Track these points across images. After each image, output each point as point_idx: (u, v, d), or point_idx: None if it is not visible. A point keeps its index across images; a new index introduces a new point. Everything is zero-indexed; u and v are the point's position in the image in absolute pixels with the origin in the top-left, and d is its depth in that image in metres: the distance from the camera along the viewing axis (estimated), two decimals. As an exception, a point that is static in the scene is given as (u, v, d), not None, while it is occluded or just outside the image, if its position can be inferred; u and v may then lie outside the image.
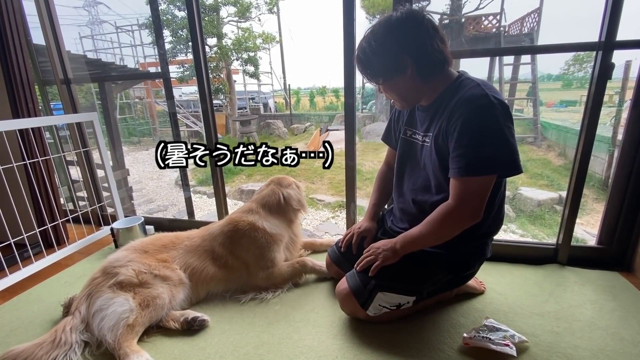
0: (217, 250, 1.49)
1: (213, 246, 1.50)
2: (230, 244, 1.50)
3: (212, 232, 1.54)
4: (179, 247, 1.48)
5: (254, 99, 14.27)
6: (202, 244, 1.51)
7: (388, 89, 1.20)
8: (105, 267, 1.34)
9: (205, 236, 1.54)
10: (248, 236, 1.50)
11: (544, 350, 1.15)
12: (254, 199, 1.65)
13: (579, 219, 3.61)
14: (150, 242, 1.49)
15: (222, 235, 1.52)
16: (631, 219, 1.59)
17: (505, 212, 4.26)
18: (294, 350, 1.18)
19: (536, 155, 6.45)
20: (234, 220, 1.55)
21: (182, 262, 1.43)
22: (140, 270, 1.31)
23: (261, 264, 1.49)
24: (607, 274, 1.59)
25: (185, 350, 1.20)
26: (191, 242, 1.51)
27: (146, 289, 1.26)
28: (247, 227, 1.52)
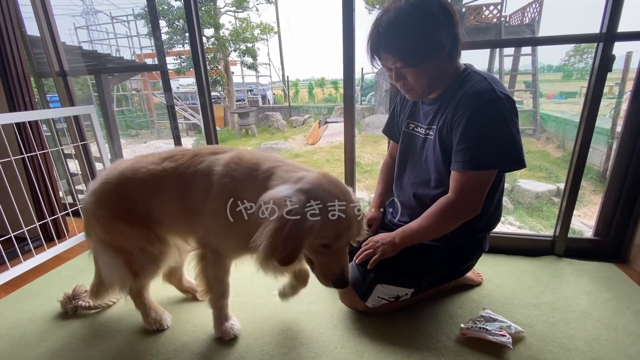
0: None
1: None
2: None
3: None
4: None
5: (252, 91, 14.17)
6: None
7: (414, 74, 1.10)
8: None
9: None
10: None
11: (539, 340, 1.17)
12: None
13: (576, 210, 3.62)
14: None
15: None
16: (628, 211, 1.60)
17: (504, 204, 4.30)
18: (294, 342, 1.20)
19: (535, 148, 6.45)
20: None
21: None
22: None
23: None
24: (603, 265, 1.61)
25: (188, 338, 1.22)
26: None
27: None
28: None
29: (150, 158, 1.16)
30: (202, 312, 1.33)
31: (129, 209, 1.14)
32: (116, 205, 1.15)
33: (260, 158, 1.05)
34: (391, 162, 1.49)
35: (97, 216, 1.16)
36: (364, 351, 1.15)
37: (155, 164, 1.13)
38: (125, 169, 1.15)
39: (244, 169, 1.02)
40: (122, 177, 1.14)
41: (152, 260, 1.18)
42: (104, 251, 1.20)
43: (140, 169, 1.13)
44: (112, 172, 1.17)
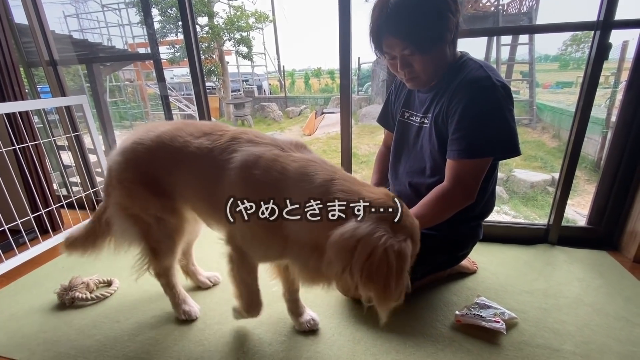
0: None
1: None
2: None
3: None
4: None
5: (247, 81, 14.00)
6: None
7: (423, 61, 1.06)
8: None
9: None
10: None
11: (532, 325, 1.19)
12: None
13: (570, 200, 3.65)
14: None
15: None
16: (621, 199, 1.62)
17: (499, 194, 4.33)
18: (292, 330, 1.21)
19: (531, 137, 6.48)
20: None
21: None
22: None
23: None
24: (595, 252, 1.64)
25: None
26: None
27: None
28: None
29: (190, 128, 1.06)
30: (203, 299, 1.34)
31: (156, 176, 1.07)
32: (144, 170, 1.07)
33: (309, 165, 0.89)
34: (386, 151, 1.49)
35: (120, 178, 1.09)
36: (360, 338, 1.16)
37: (193, 137, 1.03)
38: (163, 133, 1.06)
39: (291, 176, 0.88)
40: (157, 142, 1.05)
41: (168, 233, 1.14)
42: (119, 216, 1.15)
43: (178, 137, 1.03)
44: (146, 133, 1.08)
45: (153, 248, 1.16)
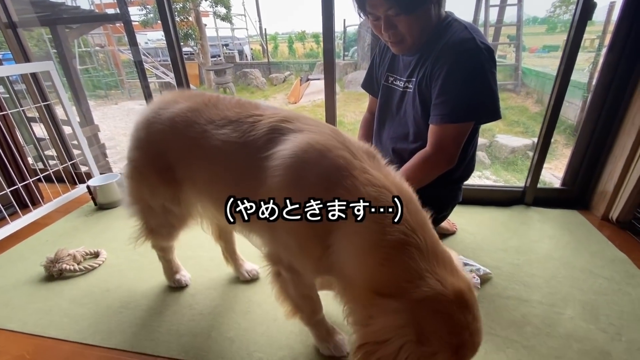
0: None
1: None
2: None
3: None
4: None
5: (227, 46, 13.31)
6: None
7: (408, 22, 1.04)
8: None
9: None
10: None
11: (504, 280, 1.28)
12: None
13: (548, 163, 3.75)
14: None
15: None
16: (594, 160, 1.69)
17: (481, 160, 4.43)
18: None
19: (515, 103, 6.53)
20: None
21: None
22: None
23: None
24: (567, 212, 1.73)
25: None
26: None
27: None
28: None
29: (210, 112, 0.88)
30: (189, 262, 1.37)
31: (169, 163, 0.95)
32: (156, 153, 0.96)
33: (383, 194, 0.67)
34: (370, 118, 1.48)
35: (130, 157, 1.01)
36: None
37: (215, 126, 0.85)
38: (177, 115, 0.91)
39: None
40: (171, 125, 0.91)
41: (171, 222, 1.08)
42: (128, 187, 1.08)
43: (194, 124, 0.88)
44: (163, 108, 0.95)
45: (152, 229, 1.13)
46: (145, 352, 1.05)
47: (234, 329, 1.12)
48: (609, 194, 1.59)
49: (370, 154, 0.75)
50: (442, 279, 0.60)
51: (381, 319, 0.61)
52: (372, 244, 0.64)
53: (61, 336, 1.12)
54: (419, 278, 0.60)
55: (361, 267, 0.67)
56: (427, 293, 0.59)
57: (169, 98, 0.98)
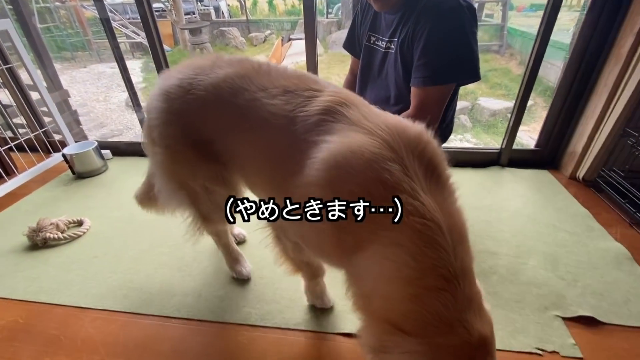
0: None
1: None
2: None
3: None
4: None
5: (202, 1, 12.36)
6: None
7: None
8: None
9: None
10: None
11: (477, 235, 1.37)
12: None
13: (526, 126, 3.83)
14: None
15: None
16: (567, 122, 1.75)
17: (463, 123, 4.49)
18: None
19: (498, 64, 6.50)
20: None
21: None
22: None
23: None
24: (538, 172, 1.83)
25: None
26: None
27: None
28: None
29: (264, 79, 0.78)
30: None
31: (209, 137, 0.84)
32: (194, 127, 0.84)
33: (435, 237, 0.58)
34: (352, 79, 1.46)
35: (163, 134, 0.87)
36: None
37: (268, 95, 0.75)
38: (223, 81, 0.79)
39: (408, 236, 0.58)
40: (215, 93, 0.80)
41: (219, 205, 0.93)
42: (162, 178, 0.98)
43: (244, 91, 0.77)
44: (199, 75, 0.82)
45: (204, 215, 1.02)
46: (138, 311, 1.10)
47: (223, 288, 1.18)
48: (578, 154, 1.68)
49: (432, 169, 0.64)
50: (470, 327, 0.56)
51: (397, 356, 0.58)
52: (406, 279, 0.57)
53: (53, 301, 1.15)
54: (448, 326, 0.55)
55: (385, 295, 0.61)
56: (452, 341, 0.55)
57: (205, 63, 0.85)
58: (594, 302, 1.10)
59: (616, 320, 1.05)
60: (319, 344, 1.00)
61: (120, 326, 1.06)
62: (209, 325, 1.06)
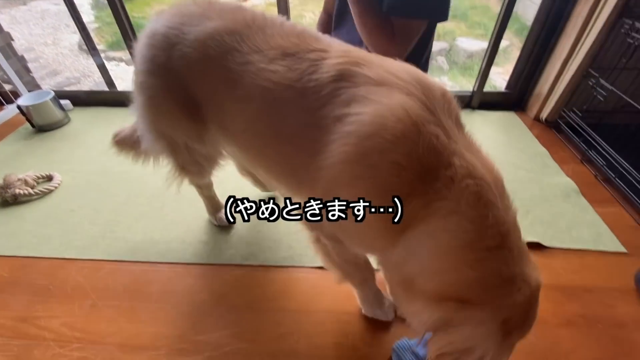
0: None
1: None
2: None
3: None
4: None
5: None
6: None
7: None
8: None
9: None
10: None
11: (444, 176, 1.46)
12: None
13: (501, 67, 3.81)
14: None
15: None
16: (537, 62, 1.78)
17: (440, 65, 4.43)
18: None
19: (478, 2, 6.24)
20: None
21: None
22: None
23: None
24: (506, 114, 1.90)
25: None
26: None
27: None
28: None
29: (256, 40, 0.68)
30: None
31: (195, 98, 0.78)
32: (179, 83, 0.77)
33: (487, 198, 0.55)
34: (327, 19, 1.39)
35: (145, 84, 0.82)
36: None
37: (265, 59, 0.66)
38: (210, 38, 0.70)
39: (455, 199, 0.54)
40: (200, 51, 0.72)
41: (197, 161, 0.97)
42: (143, 125, 0.92)
43: (234, 52, 0.68)
44: (186, 25, 0.74)
45: (182, 167, 1.01)
46: (124, 259, 1.15)
47: (206, 234, 1.23)
48: (543, 95, 1.74)
49: (459, 125, 0.61)
50: (529, 278, 0.55)
51: (467, 329, 0.55)
52: (467, 246, 0.54)
53: (35, 254, 1.17)
54: (510, 283, 0.54)
55: (443, 269, 0.57)
56: (517, 299, 0.53)
57: (195, 10, 0.76)
58: (542, 230, 1.24)
59: (558, 244, 1.20)
60: (300, 277, 1.10)
61: (108, 273, 1.11)
62: (195, 267, 1.13)
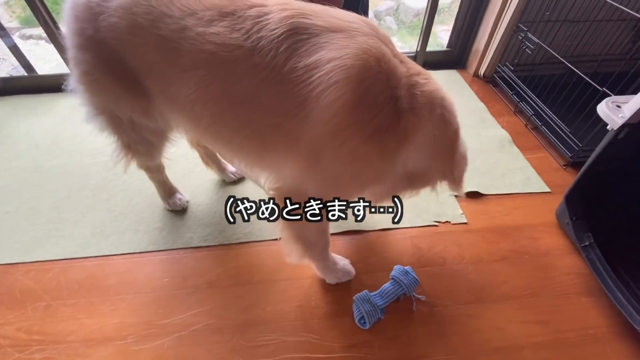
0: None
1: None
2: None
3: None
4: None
5: None
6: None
7: None
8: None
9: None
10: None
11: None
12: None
13: (446, 25, 3.87)
14: None
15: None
16: (473, 20, 1.84)
17: (389, 26, 4.40)
18: (207, 177, 1.34)
19: (423, -44, 6.17)
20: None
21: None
22: None
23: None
24: (448, 72, 1.97)
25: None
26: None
27: None
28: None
29: (185, 1, 0.64)
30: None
31: (131, 72, 0.73)
32: (113, 54, 0.71)
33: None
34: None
35: (77, 59, 0.76)
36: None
37: (199, 22, 0.63)
38: (135, 4, 0.66)
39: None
40: (128, 19, 0.66)
41: (145, 137, 0.91)
42: (82, 96, 0.85)
43: (164, 18, 0.64)
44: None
45: (128, 146, 0.94)
46: (74, 256, 1.10)
47: (161, 220, 1.21)
48: (480, 52, 1.83)
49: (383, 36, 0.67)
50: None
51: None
52: (435, 145, 0.73)
53: (-29, 263, 1.08)
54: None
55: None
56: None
57: None
58: (479, 179, 1.36)
59: (494, 191, 1.33)
60: (261, 251, 1.13)
61: (59, 272, 1.07)
62: (152, 254, 1.12)
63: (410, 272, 1.01)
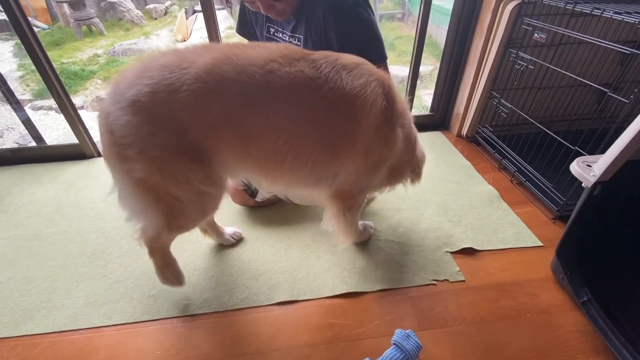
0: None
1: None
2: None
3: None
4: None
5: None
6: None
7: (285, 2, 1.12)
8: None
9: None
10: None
11: (384, 196, 1.55)
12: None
13: (429, 90, 4.19)
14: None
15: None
16: (452, 86, 2.04)
17: (377, 90, 4.80)
18: (204, 240, 1.35)
19: (403, 32, 6.93)
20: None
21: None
22: None
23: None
24: (433, 134, 2.12)
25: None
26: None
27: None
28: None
29: (248, 53, 0.81)
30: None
31: (200, 137, 0.80)
32: (184, 130, 0.78)
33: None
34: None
35: (144, 147, 0.78)
36: (258, 236, 1.38)
37: (258, 69, 0.79)
38: (216, 66, 0.77)
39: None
40: (215, 78, 0.77)
41: (204, 208, 0.96)
42: (136, 192, 0.86)
43: (248, 67, 0.79)
44: (183, 70, 0.76)
45: (180, 226, 0.97)
46: (64, 329, 1.06)
47: (156, 287, 1.19)
48: (461, 115, 1.99)
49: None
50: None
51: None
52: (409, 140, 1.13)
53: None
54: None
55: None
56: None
57: (172, 58, 0.78)
58: (473, 235, 1.39)
59: (488, 246, 1.36)
60: (258, 318, 1.10)
61: (46, 347, 1.02)
62: (145, 325, 1.08)
63: (412, 336, 0.98)
